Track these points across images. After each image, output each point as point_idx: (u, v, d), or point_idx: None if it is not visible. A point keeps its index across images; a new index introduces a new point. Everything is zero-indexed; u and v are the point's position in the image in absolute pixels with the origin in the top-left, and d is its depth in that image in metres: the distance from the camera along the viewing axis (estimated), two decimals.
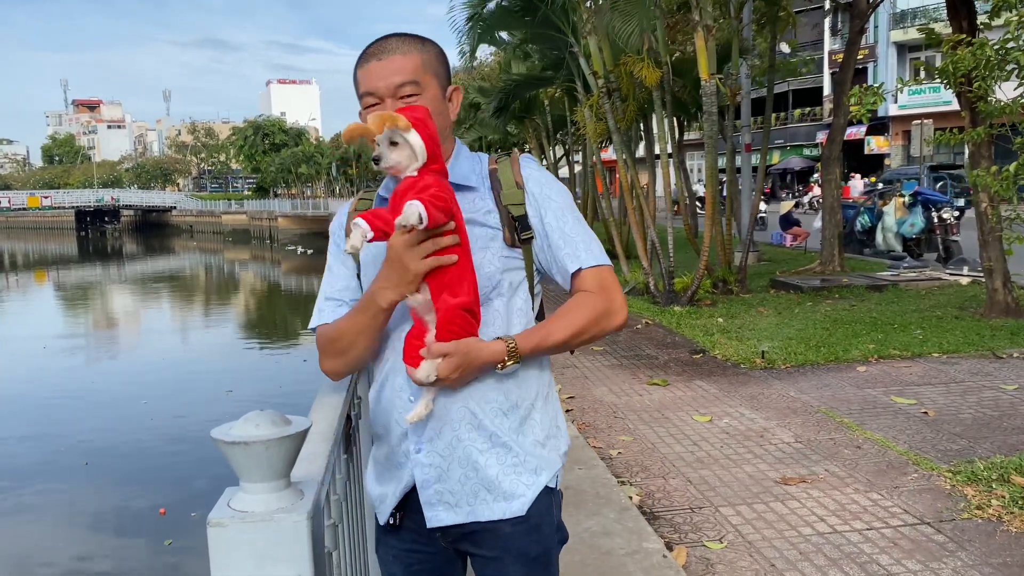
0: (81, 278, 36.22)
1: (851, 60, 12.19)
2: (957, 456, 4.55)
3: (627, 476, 4.48)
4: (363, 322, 1.54)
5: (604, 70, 10.47)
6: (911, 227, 13.64)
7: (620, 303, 1.61)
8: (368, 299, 1.52)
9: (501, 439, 1.57)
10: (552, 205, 1.61)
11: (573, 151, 22.22)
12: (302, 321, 20.51)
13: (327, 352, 1.61)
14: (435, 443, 1.57)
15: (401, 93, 1.52)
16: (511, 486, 1.58)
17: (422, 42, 1.58)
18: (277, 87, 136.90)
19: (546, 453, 1.62)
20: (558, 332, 1.56)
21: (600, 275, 1.60)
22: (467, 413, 1.56)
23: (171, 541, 6.43)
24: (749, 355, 7.25)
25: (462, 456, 1.57)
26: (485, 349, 1.50)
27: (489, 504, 1.57)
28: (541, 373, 1.66)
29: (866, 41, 29.51)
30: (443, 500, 1.58)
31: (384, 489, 1.67)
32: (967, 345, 7.26)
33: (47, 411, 10.90)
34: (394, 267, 1.46)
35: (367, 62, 1.55)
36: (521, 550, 1.59)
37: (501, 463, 1.58)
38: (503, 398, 1.58)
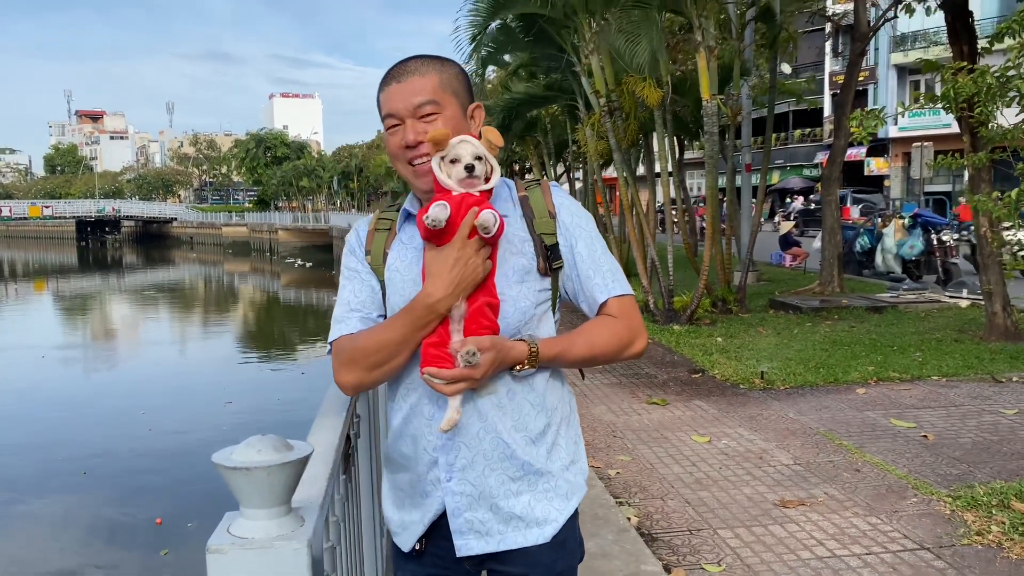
0: (80, 288, 36.20)
1: (852, 82, 12.26)
2: (957, 481, 4.53)
3: (625, 496, 4.46)
4: (411, 333, 1.51)
5: (606, 89, 10.52)
6: (911, 249, 13.67)
7: (641, 332, 1.64)
8: (427, 307, 1.49)
9: (533, 467, 1.58)
10: (583, 234, 1.63)
11: (574, 168, 22.28)
12: (301, 334, 20.53)
13: (357, 364, 1.55)
14: (467, 472, 1.57)
15: (420, 113, 1.54)
16: (543, 512, 1.59)
17: (441, 62, 1.59)
18: (280, 100, 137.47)
19: (573, 477, 1.64)
20: (579, 347, 1.59)
21: (624, 304, 1.63)
22: (499, 443, 1.56)
23: (167, 551, 6.43)
24: (748, 375, 7.24)
25: (494, 485, 1.57)
26: (513, 347, 1.51)
27: (521, 531, 1.58)
28: (562, 395, 1.67)
29: (867, 63, 29.69)
30: (473, 529, 1.58)
31: (408, 516, 1.66)
32: (966, 368, 7.26)
33: (45, 421, 10.88)
34: (460, 270, 1.47)
35: (388, 85, 1.57)
36: (548, 567, 1.61)
37: (532, 490, 1.59)
38: (532, 424, 1.59)
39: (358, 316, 1.61)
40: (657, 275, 10.56)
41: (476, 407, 1.56)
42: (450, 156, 1.50)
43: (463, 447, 1.56)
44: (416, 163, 1.56)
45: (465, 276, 1.47)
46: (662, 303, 10.41)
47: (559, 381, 1.66)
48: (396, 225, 1.66)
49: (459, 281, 1.47)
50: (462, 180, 1.49)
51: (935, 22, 25.69)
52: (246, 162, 72.58)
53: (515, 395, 1.57)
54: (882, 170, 33.79)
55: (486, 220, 1.45)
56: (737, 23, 11.69)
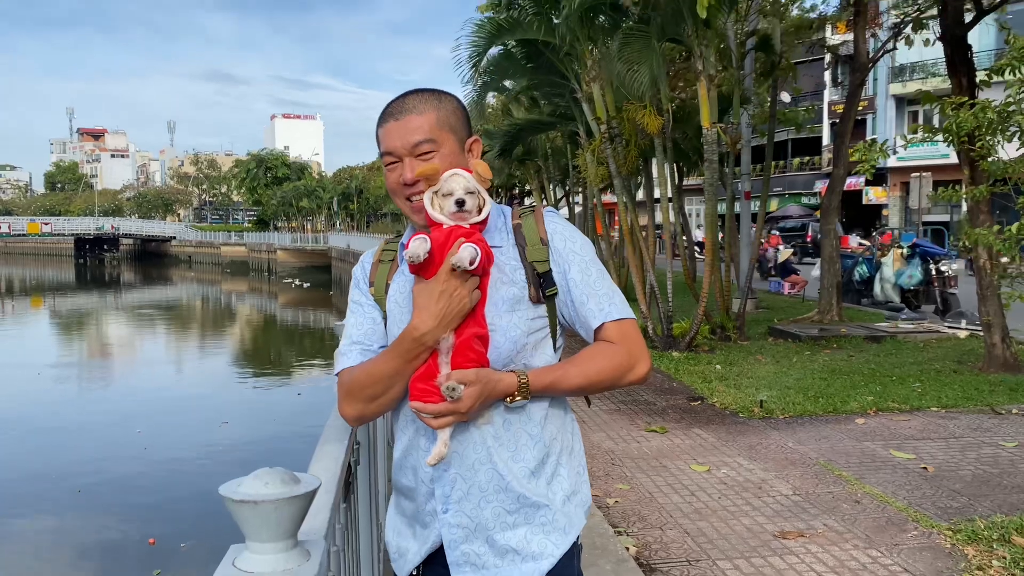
0: (77, 306, 36.13)
1: (851, 112, 12.34)
2: (957, 514, 4.50)
3: (624, 526, 4.42)
4: (401, 366, 1.51)
5: (606, 116, 10.59)
6: (909, 279, 13.68)
7: (641, 356, 1.61)
8: (414, 340, 1.49)
9: (529, 499, 1.57)
10: (576, 259, 1.62)
11: (574, 192, 22.37)
12: (297, 354, 20.47)
13: (356, 397, 1.57)
14: (462, 504, 1.56)
15: (418, 151, 1.56)
16: (539, 546, 1.57)
17: (439, 98, 1.61)
18: (282, 121, 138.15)
19: (573, 510, 1.62)
20: (573, 377, 1.56)
21: (622, 328, 1.60)
22: (495, 475, 1.55)
23: (160, 571, 6.40)
24: (747, 404, 7.22)
25: (489, 517, 1.56)
26: (502, 380, 1.50)
27: (517, 565, 1.56)
28: (563, 424, 1.65)
29: (865, 93, 29.89)
30: (469, 561, 1.57)
31: (407, 544, 1.66)
32: (966, 400, 7.24)
33: (41, 438, 10.84)
34: (445, 302, 1.47)
35: (386, 122, 1.59)
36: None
37: (529, 523, 1.57)
38: (530, 455, 1.57)
39: (359, 349, 1.62)
40: (656, 301, 10.56)
41: (472, 438, 1.55)
42: (442, 191, 1.52)
43: (459, 479, 1.55)
44: (414, 199, 1.58)
45: (451, 309, 1.47)
46: (661, 329, 10.40)
47: (561, 410, 1.65)
48: (399, 256, 1.67)
49: (444, 314, 1.47)
50: (453, 214, 1.51)
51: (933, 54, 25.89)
52: (246, 182, 72.68)
53: (511, 425, 1.56)
54: (880, 199, 33.95)
55: (460, 259, 1.45)
56: (737, 52, 11.79)
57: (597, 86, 10.51)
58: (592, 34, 10.40)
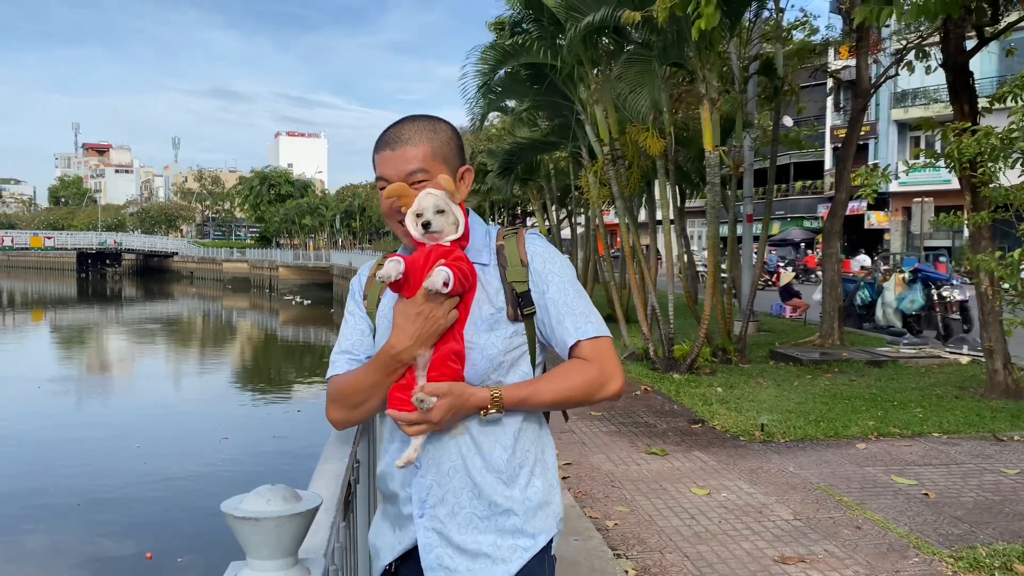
0: (79, 320, 36.14)
1: (854, 137, 12.40)
2: (959, 541, 4.48)
3: (623, 549, 4.40)
4: (380, 379, 1.60)
5: (609, 138, 10.63)
6: (911, 304, 13.67)
7: (614, 373, 1.65)
8: (391, 357, 1.58)
9: (501, 506, 1.63)
10: (554, 280, 1.68)
11: (576, 213, 22.41)
12: (297, 371, 20.43)
13: (340, 404, 1.67)
14: (437, 509, 1.64)
15: (411, 180, 1.64)
16: (508, 551, 1.63)
17: (434, 128, 1.68)
18: (285, 139, 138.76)
19: (543, 518, 1.67)
20: (546, 392, 1.63)
21: (597, 346, 1.65)
22: (468, 482, 1.63)
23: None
24: (748, 427, 7.19)
25: (462, 522, 1.63)
26: (474, 394, 1.57)
27: (488, 567, 1.62)
28: (539, 438, 1.72)
29: (868, 118, 30.03)
30: (443, 565, 1.63)
31: (383, 542, 1.74)
32: (967, 426, 7.21)
33: (41, 452, 10.83)
34: (420, 323, 1.55)
35: (382, 150, 1.67)
36: None
37: (500, 529, 1.63)
38: (503, 465, 1.64)
39: (347, 358, 1.72)
40: (658, 322, 10.55)
41: (447, 447, 1.63)
42: (415, 210, 1.59)
43: (435, 485, 1.63)
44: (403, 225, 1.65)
45: (426, 329, 1.56)
46: (662, 351, 10.39)
47: (535, 423, 1.71)
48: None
49: (419, 334, 1.56)
50: (423, 235, 1.58)
51: (935, 80, 26.04)
52: (249, 199, 72.91)
53: (486, 436, 1.64)
54: (882, 224, 34.02)
55: (432, 283, 1.52)
56: (740, 76, 11.87)
57: (600, 108, 10.57)
58: (595, 57, 10.48)
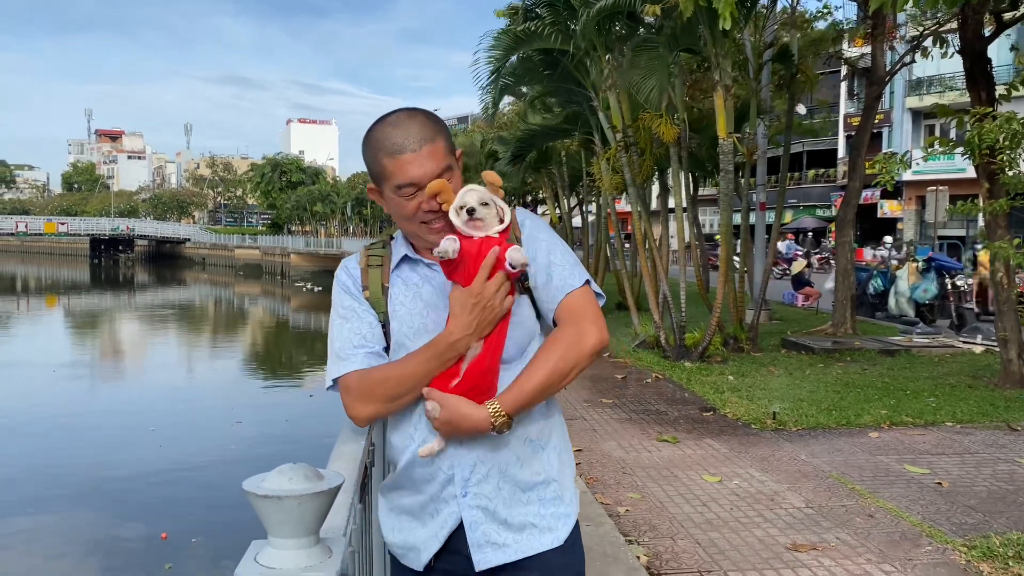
0: (92, 305, 36.36)
1: (868, 125, 12.29)
2: (972, 530, 4.46)
3: (635, 535, 4.40)
4: (434, 367, 1.59)
5: (622, 124, 10.58)
6: (924, 293, 13.59)
7: (591, 327, 1.64)
8: (449, 344, 1.57)
9: (541, 476, 1.67)
10: (543, 245, 1.71)
11: (587, 201, 22.34)
12: (309, 357, 20.49)
13: (373, 396, 1.63)
14: (481, 486, 1.64)
15: (444, 178, 1.62)
16: (554, 518, 1.67)
17: (436, 124, 1.67)
18: (297, 126, 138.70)
19: (573, 483, 1.75)
20: (531, 380, 1.61)
21: (572, 302, 1.66)
22: (512, 456, 1.64)
23: (171, 565, 6.51)
24: (760, 415, 7.18)
25: (507, 496, 1.64)
26: (469, 418, 1.56)
27: (536, 537, 1.65)
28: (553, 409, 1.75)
29: (882, 106, 29.78)
30: (491, 541, 1.64)
31: (414, 537, 1.70)
32: (981, 415, 7.17)
33: (56, 435, 10.92)
34: (475, 310, 1.55)
35: (400, 154, 1.61)
36: (561, 571, 1.68)
37: (542, 498, 1.67)
38: (540, 433, 1.68)
39: (364, 352, 1.68)
40: (669, 311, 10.53)
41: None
42: (458, 204, 1.59)
43: (479, 463, 1.63)
44: (436, 224, 1.64)
45: (484, 318, 1.57)
46: (673, 339, 10.37)
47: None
48: (390, 261, 1.74)
49: (478, 323, 1.57)
50: (466, 223, 1.59)
51: (951, 67, 25.80)
52: (261, 186, 73.01)
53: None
54: (895, 213, 33.77)
55: (514, 258, 1.56)
56: (754, 63, 11.77)
57: (613, 94, 10.52)
58: (608, 43, 10.41)
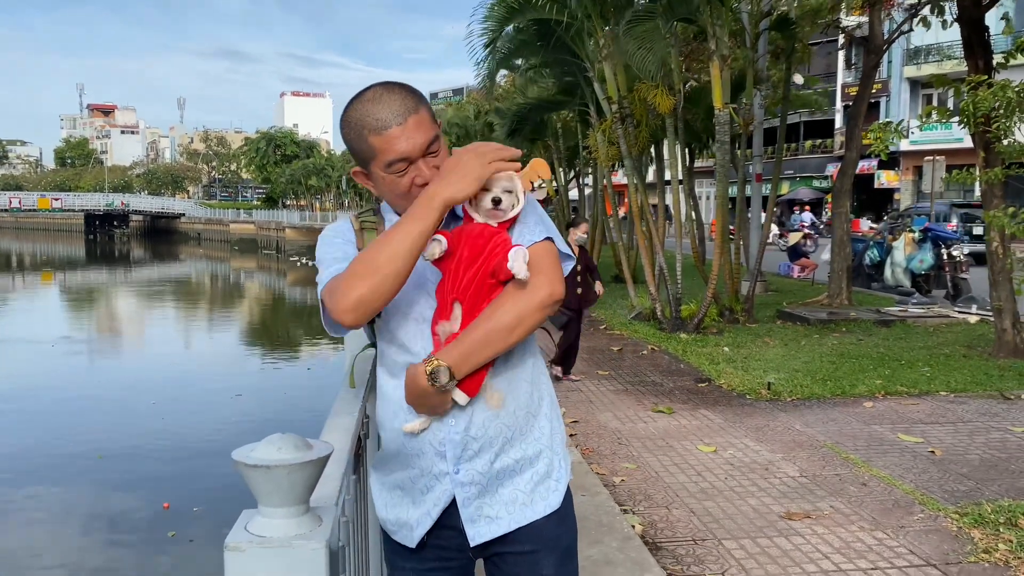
0: (88, 281, 36.31)
1: (865, 95, 12.23)
2: (964, 497, 4.50)
3: (630, 504, 4.44)
4: (408, 229, 1.48)
5: (618, 95, 10.52)
6: (920, 263, 13.59)
7: (541, 280, 1.55)
8: (420, 201, 1.50)
9: (533, 446, 1.65)
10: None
11: (584, 174, 22.27)
12: (305, 331, 20.53)
13: (354, 276, 1.48)
14: (474, 462, 1.61)
15: (430, 150, 1.58)
16: (546, 489, 1.66)
17: (415, 93, 1.61)
18: (291, 99, 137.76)
19: (565, 452, 1.73)
20: (474, 331, 1.54)
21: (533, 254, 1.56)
22: (504, 428, 1.62)
23: (174, 533, 6.67)
24: (755, 386, 7.22)
25: (499, 469, 1.62)
26: (411, 379, 1.55)
27: (529, 507, 1.64)
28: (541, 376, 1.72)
29: (879, 76, 29.61)
30: (484, 515, 1.63)
31: (407, 513, 1.68)
32: (975, 384, 7.22)
33: (57, 409, 11.01)
34: (458, 168, 1.51)
35: (385, 130, 1.54)
36: (555, 541, 1.67)
37: (533, 467, 1.65)
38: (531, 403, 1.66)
39: (346, 260, 1.59)
40: (665, 283, 10.53)
41: (480, 400, 1.60)
42: (491, 195, 1.54)
43: (470, 440, 1.60)
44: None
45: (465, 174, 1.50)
46: (669, 311, 10.39)
47: (540, 360, 1.74)
48: (383, 227, 1.68)
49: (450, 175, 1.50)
50: (488, 211, 1.54)
51: (949, 36, 25.65)
52: (256, 160, 72.61)
53: (511, 374, 1.64)
54: (892, 183, 33.73)
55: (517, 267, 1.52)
56: (751, 33, 11.68)
57: (608, 65, 10.44)
58: (604, 13, 10.31)
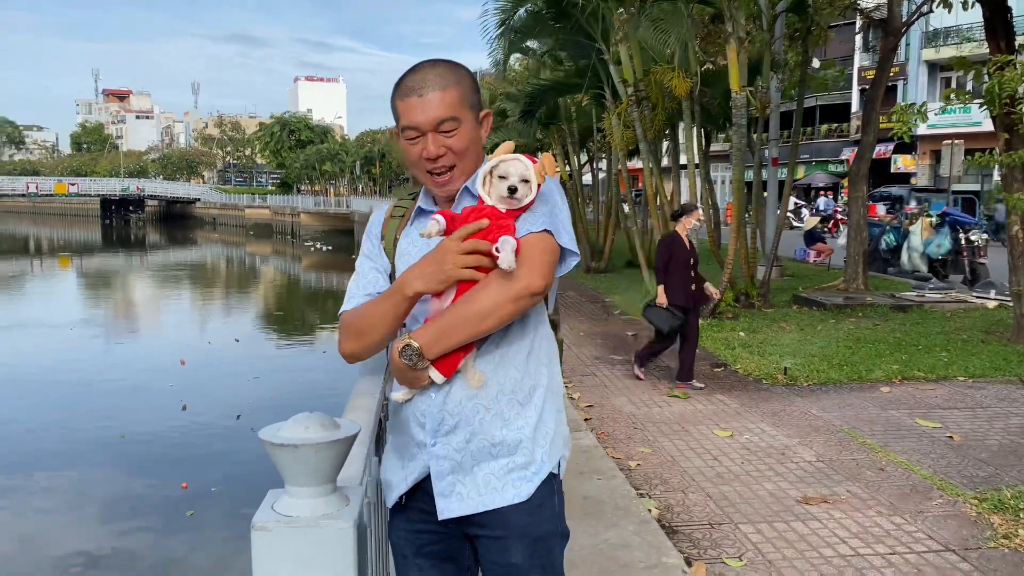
0: (105, 266, 36.56)
1: (883, 78, 12.08)
2: (983, 483, 4.48)
3: (646, 488, 4.44)
4: (386, 308, 1.60)
5: (634, 78, 10.44)
6: (938, 248, 13.46)
7: (524, 271, 1.51)
8: (396, 287, 1.60)
9: (513, 432, 1.63)
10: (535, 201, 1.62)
11: (598, 158, 22.15)
12: (321, 315, 20.63)
13: (348, 333, 1.67)
14: (450, 437, 1.63)
15: (442, 128, 1.60)
16: (519, 475, 1.64)
17: (458, 75, 1.63)
18: (305, 84, 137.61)
19: (554, 444, 1.68)
20: (449, 314, 1.55)
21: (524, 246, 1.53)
22: (481, 409, 1.62)
23: (192, 512, 6.78)
24: (771, 371, 7.19)
25: (475, 450, 1.62)
26: (391, 351, 1.59)
27: (499, 491, 1.63)
28: (550, 361, 1.71)
29: (897, 59, 29.23)
30: (455, 491, 1.64)
31: (395, 476, 1.72)
32: (993, 370, 7.16)
33: (77, 391, 11.16)
34: (434, 262, 1.53)
35: (407, 97, 1.61)
36: (524, 530, 1.64)
37: (511, 454, 1.63)
38: (518, 389, 1.64)
39: (363, 293, 1.71)
40: None
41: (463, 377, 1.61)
42: (498, 172, 1.53)
43: (447, 415, 1.61)
44: (436, 173, 1.63)
45: (439, 272, 1.52)
46: None
47: (546, 346, 1.70)
48: (411, 213, 1.75)
49: (425, 269, 1.54)
50: (503, 198, 1.52)
51: (969, 18, 25.24)
52: (270, 145, 72.63)
53: (501, 358, 1.62)
54: (909, 168, 33.36)
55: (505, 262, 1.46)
56: (768, 15, 11.55)
57: (624, 48, 10.36)
58: None
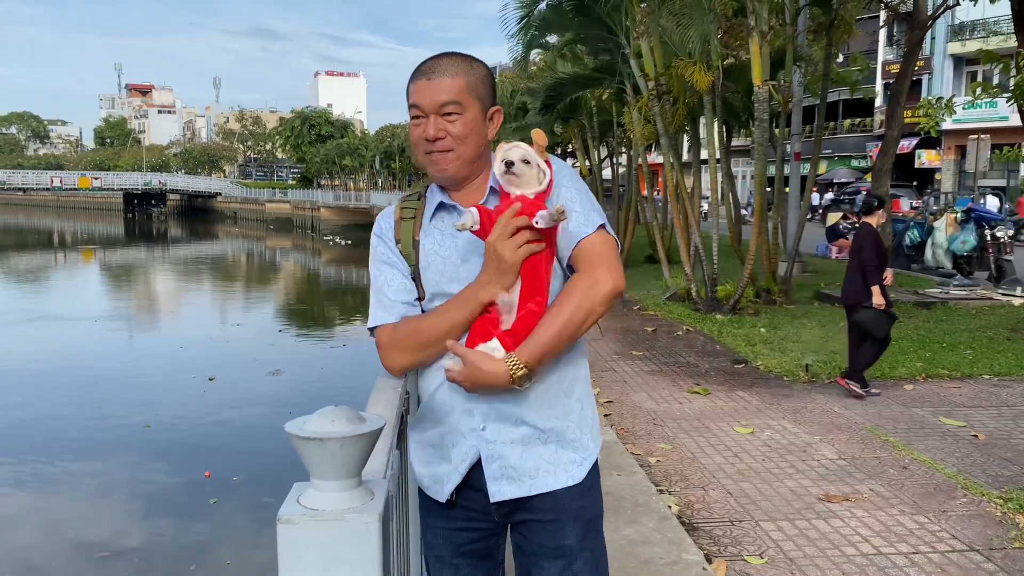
0: (127, 259, 36.94)
1: (908, 72, 11.95)
2: (1009, 482, 4.42)
3: (666, 485, 4.42)
4: (457, 318, 1.62)
5: (655, 72, 10.38)
6: (963, 244, 13.28)
7: (605, 273, 1.61)
8: (470, 295, 1.61)
9: (563, 415, 1.69)
10: (563, 192, 1.67)
11: (618, 153, 22.06)
12: (341, 309, 20.73)
13: (405, 347, 1.67)
14: (501, 423, 1.65)
15: (444, 111, 1.65)
16: (570, 457, 1.69)
17: (470, 65, 1.68)
18: (325, 79, 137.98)
19: (593, 428, 1.76)
20: (547, 331, 1.59)
21: (586, 247, 1.63)
22: (532, 400, 1.65)
23: (216, 500, 6.87)
24: (792, 367, 7.14)
25: (526, 432, 1.66)
26: (490, 374, 1.56)
27: (552, 475, 1.67)
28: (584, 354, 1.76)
29: (922, 53, 28.88)
30: (506, 475, 1.66)
31: (439, 469, 1.72)
32: (1019, 368, 7.07)
33: (101, 381, 11.30)
34: (491, 262, 1.57)
35: (418, 79, 1.67)
36: (578, 512, 1.69)
37: (560, 438, 1.68)
38: (564, 376, 1.69)
39: (401, 303, 1.71)
40: (700, 263, 10.43)
41: None
42: (500, 156, 1.60)
43: (497, 398, 1.63)
44: (434, 155, 1.67)
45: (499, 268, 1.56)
46: (705, 292, 10.30)
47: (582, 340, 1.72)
48: (422, 214, 1.75)
49: (491, 271, 1.58)
50: (502, 174, 1.60)
51: (996, 11, 24.89)
52: (290, 139, 73.05)
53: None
54: (934, 163, 32.97)
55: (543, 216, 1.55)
56: (791, 8, 11.43)
57: (645, 41, 10.30)
58: None
